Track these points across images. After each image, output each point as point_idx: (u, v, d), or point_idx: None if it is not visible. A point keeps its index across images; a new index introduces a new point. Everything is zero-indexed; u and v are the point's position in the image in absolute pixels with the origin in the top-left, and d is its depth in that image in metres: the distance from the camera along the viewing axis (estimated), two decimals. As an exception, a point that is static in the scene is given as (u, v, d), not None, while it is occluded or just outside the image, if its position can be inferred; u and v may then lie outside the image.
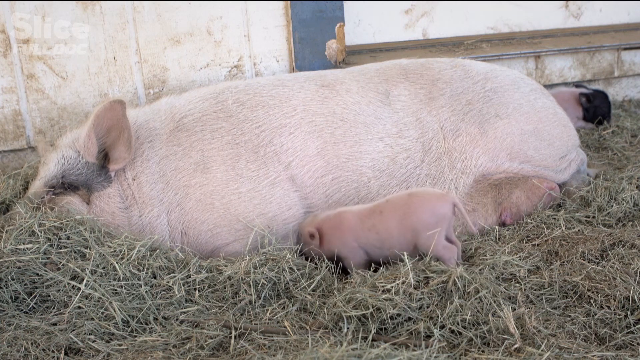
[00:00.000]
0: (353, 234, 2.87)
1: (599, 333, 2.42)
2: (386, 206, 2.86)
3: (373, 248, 2.86)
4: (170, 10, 3.99)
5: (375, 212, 2.87)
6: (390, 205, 2.86)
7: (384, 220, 2.83)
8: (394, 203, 2.86)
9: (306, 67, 4.24)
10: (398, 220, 2.80)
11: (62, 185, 3.06)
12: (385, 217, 2.83)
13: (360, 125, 3.22)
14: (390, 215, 2.82)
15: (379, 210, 2.86)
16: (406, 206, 2.81)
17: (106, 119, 3.01)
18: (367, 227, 2.85)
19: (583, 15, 5.47)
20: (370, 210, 2.89)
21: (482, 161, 3.29)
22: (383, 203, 2.89)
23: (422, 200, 2.81)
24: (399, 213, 2.81)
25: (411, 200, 2.82)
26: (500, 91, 3.43)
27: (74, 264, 2.68)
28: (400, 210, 2.81)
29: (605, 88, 5.25)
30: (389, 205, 2.86)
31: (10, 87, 3.76)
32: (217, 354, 2.41)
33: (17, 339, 2.44)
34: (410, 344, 2.30)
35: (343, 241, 2.88)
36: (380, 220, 2.83)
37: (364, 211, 2.90)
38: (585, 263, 2.78)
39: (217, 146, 3.12)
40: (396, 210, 2.82)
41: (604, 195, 3.32)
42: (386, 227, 2.82)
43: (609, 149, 4.39)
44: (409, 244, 2.79)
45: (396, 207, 2.83)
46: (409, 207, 2.80)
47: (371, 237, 2.84)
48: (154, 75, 4.03)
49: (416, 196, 2.84)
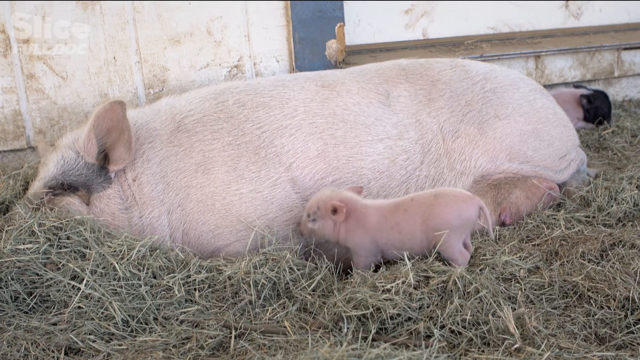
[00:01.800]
0: (375, 233, 2.79)
1: (599, 333, 2.43)
2: (411, 205, 2.78)
3: (391, 248, 2.79)
4: (170, 10, 3.99)
5: (399, 209, 2.79)
6: (415, 204, 2.78)
7: (408, 219, 2.75)
8: (419, 202, 2.78)
9: (306, 67, 4.24)
10: (422, 220, 2.73)
11: (61, 186, 3.05)
12: (410, 216, 2.75)
13: (360, 127, 3.22)
14: (414, 215, 2.75)
15: (403, 209, 2.78)
16: (432, 207, 2.73)
17: (106, 119, 3.01)
18: (390, 226, 2.77)
19: (583, 15, 5.47)
20: (394, 207, 2.81)
21: (481, 162, 3.29)
22: (408, 201, 2.81)
23: (449, 202, 2.74)
24: (424, 213, 2.74)
25: (437, 201, 2.74)
26: (500, 91, 3.43)
27: (73, 264, 2.68)
28: (427, 210, 2.74)
29: (605, 88, 5.25)
30: (414, 204, 2.78)
31: (10, 87, 3.76)
32: (217, 354, 2.41)
33: (17, 339, 2.44)
34: (410, 344, 2.30)
35: (362, 239, 2.81)
36: (404, 219, 2.76)
37: (387, 207, 2.82)
38: (585, 263, 2.78)
39: (218, 147, 3.12)
40: (421, 210, 2.75)
41: (604, 195, 3.32)
42: (410, 226, 2.75)
43: (608, 149, 4.39)
44: (429, 245, 2.75)
45: (422, 207, 2.76)
46: (434, 208, 2.73)
47: (393, 236, 2.77)
48: (154, 75, 4.03)
49: (443, 197, 2.76)
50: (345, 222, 2.82)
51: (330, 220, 2.83)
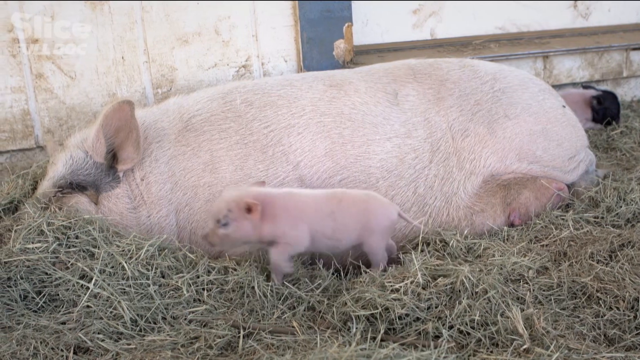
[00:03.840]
0: (310, 218, 2.71)
1: (608, 334, 2.42)
2: (344, 196, 2.79)
3: (322, 238, 2.74)
4: (178, 10, 4.00)
5: (333, 198, 2.77)
6: (349, 197, 2.79)
7: (343, 209, 2.74)
8: (352, 196, 2.81)
9: (314, 67, 4.24)
10: (356, 214, 2.75)
11: (70, 186, 3.06)
12: (345, 206, 2.75)
13: (368, 126, 3.22)
14: (349, 207, 2.76)
15: (337, 199, 2.77)
16: (366, 203, 2.78)
17: (115, 119, 3.02)
18: (326, 213, 2.73)
19: (591, 15, 5.45)
20: (328, 196, 2.79)
21: (490, 161, 3.28)
22: (340, 192, 2.82)
23: (380, 204, 2.82)
24: (359, 207, 2.76)
25: (369, 199, 2.80)
26: (509, 91, 3.42)
27: (82, 263, 2.69)
28: (361, 205, 2.77)
29: (613, 88, 5.23)
30: (347, 196, 2.79)
31: (19, 87, 3.77)
32: (226, 354, 2.41)
33: (26, 337, 2.45)
34: (419, 344, 2.30)
35: (294, 224, 2.69)
36: (339, 209, 2.74)
37: (320, 196, 2.79)
38: (594, 264, 2.77)
39: (226, 146, 3.12)
40: (356, 204, 2.77)
41: (612, 196, 3.31)
42: (344, 217, 2.74)
43: (617, 149, 4.38)
44: (356, 240, 2.78)
45: (356, 201, 2.78)
46: (368, 205, 2.78)
47: (327, 224, 2.72)
48: (162, 75, 4.04)
49: (374, 198, 2.83)
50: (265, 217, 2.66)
51: (246, 221, 2.65)
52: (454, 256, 2.90)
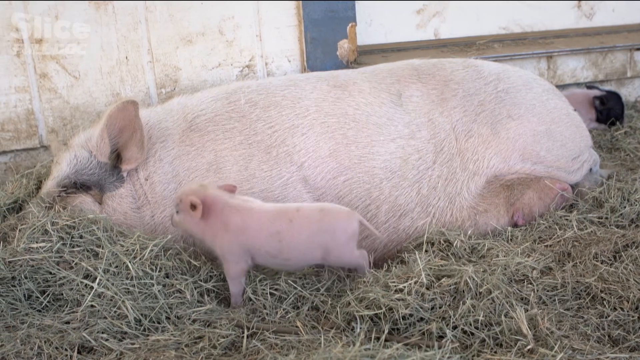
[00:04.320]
0: (249, 236, 2.63)
1: (612, 334, 2.41)
2: (297, 216, 2.63)
3: (265, 255, 2.65)
4: (182, 10, 4.00)
5: (283, 217, 2.63)
6: (302, 216, 2.64)
7: (292, 231, 2.61)
8: (306, 216, 2.64)
9: (318, 67, 4.24)
10: (308, 235, 2.62)
11: (74, 185, 3.07)
12: (295, 227, 2.62)
13: (372, 126, 3.22)
14: (301, 228, 2.62)
15: (288, 218, 2.63)
16: (319, 222, 2.62)
17: (119, 119, 3.02)
18: (269, 233, 2.62)
19: (595, 16, 5.44)
20: (277, 214, 2.65)
21: (494, 162, 3.28)
22: (293, 211, 2.66)
23: (335, 219, 2.65)
24: (311, 228, 2.62)
25: (324, 217, 2.63)
26: (513, 92, 3.42)
27: (86, 262, 2.69)
28: (314, 225, 2.62)
29: (617, 89, 5.22)
30: (300, 216, 2.64)
31: (23, 87, 3.78)
32: (230, 354, 2.41)
33: (30, 337, 2.45)
34: (422, 345, 2.30)
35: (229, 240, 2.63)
36: (288, 230, 2.61)
37: (268, 213, 2.66)
38: (598, 264, 2.77)
39: (230, 146, 3.12)
40: (309, 225, 2.62)
41: (616, 196, 3.30)
42: (293, 238, 2.61)
43: (621, 149, 4.37)
44: (313, 259, 2.67)
45: (309, 221, 2.63)
46: (322, 224, 2.62)
47: (271, 244, 2.62)
48: (166, 74, 4.04)
49: (328, 213, 2.65)
50: (209, 223, 2.65)
51: (189, 217, 2.67)
52: (458, 256, 2.90)
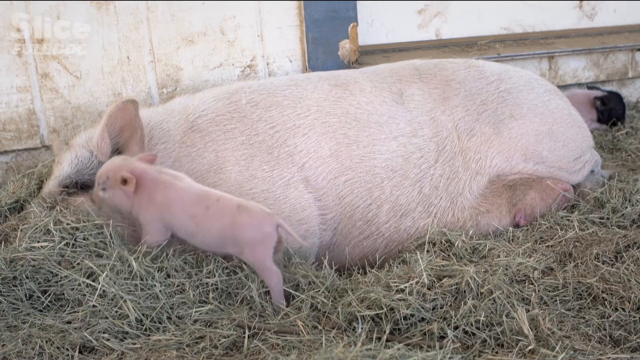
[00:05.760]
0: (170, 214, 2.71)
1: (613, 335, 2.41)
2: (215, 204, 2.69)
3: (184, 234, 2.73)
4: (184, 10, 4.00)
5: (201, 202, 2.70)
6: (219, 206, 2.69)
7: (208, 217, 2.68)
8: (222, 207, 2.69)
9: (319, 67, 4.24)
10: (222, 226, 2.66)
11: (75, 185, 3.06)
12: (211, 215, 2.68)
13: (373, 125, 3.22)
14: (216, 216, 2.67)
15: (205, 205, 2.69)
16: (233, 217, 2.65)
17: (119, 118, 3.02)
18: (187, 215, 2.70)
19: (597, 16, 5.44)
20: (197, 198, 2.72)
21: (496, 161, 3.28)
22: (213, 199, 2.71)
23: (249, 217, 2.65)
24: (225, 220, 2.66)
25: (239, 213, 2.65)
26: (515, 92, 3.42)
27: (88, 261, 2.69)
28: (227, 218, 2.66)
29: (619, 89, 5.22)
30: (218, 206, 2.69)
31: (24, 87, 3.78)
32: (231, 354, 2.41)
33: (31, 336, 2.45)
34: (424, 345, 2.30)
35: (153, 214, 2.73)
36: (204, 215, 2.68)
37: (190, 195, 2.73)
38: (600, 265, 2.77)
39: (231, 147, 3.12)
40: (223, 216, 2.66)
41: (618, 197, 3.30)
42: (206, 225, 2.68)
43: (622, 150, 4.38)
44: (224, 249, 2.71)
45: (223, 213, 2.67)
46: (236, 219, 2.65)
47: (189, 225, 2.70)
48: (167, 74, 4.04)
49: (245, 211, 2.66)
50: (137, 194, 2.74)
51: (120, 191, 2.76)
52: (459, 257, 2.90)
